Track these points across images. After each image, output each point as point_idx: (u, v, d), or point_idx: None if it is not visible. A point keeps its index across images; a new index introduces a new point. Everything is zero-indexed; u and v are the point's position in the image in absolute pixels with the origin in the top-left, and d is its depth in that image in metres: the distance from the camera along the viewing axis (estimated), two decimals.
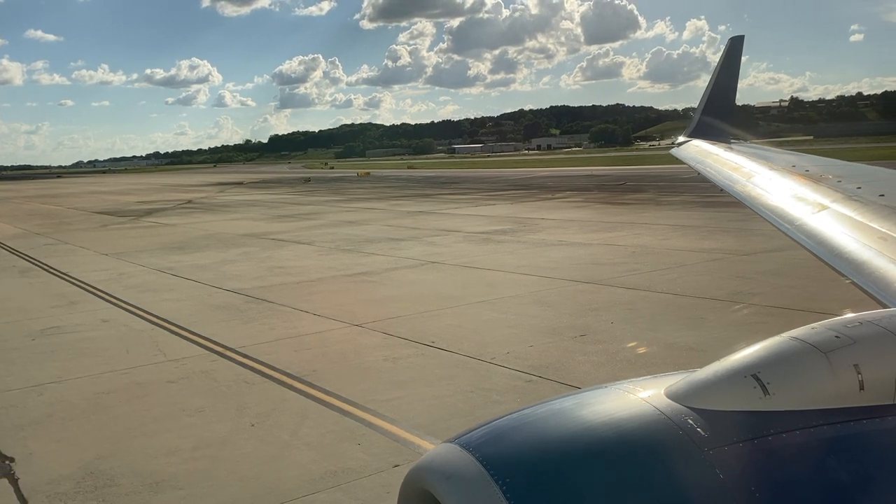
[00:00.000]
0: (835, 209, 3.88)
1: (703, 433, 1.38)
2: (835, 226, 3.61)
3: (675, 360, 8.75)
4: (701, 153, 8.82)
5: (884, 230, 3.24)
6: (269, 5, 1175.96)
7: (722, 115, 9.87)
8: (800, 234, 3.76)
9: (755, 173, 5.73)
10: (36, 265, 20.31)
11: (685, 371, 1.56)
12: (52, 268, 19.53)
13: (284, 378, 8.79)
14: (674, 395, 1.48)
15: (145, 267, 19.04)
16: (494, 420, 1.53)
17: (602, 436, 1.39)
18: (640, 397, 1.49)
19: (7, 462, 6.62)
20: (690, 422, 1.40)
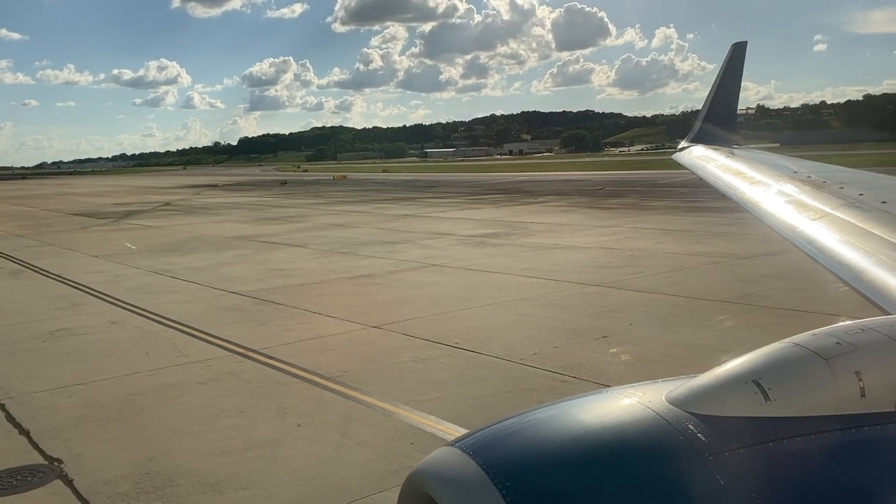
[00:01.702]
0: (836, 216, 3.88)
1: (704, 439, 1.38)
2: (836, 232, 3.60)
3: (702, 360, 8.90)
4: (702, 158, 8.83)
5: (886, 237, 3.25)
6: (241, 7, 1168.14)
7: (724, 121, 9.91)
8: (801, 240, 3.76)
9: (757, 179, 5.74)
10: (26, 267, 19.95)
11: (686, 376, 1.58)
12: (43, 270, 19.19)
13: (317, 379, 8.77)
14: (675, 401, 1.48)
15: (140, 269, 18.81)
16: (495, 423, 1.54)
17: (603, 440, 1.40)
18: (641, 402, 1.49)
19: (56, 464, 6.54)
20: (691, 427, 1.40)
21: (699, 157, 8.57)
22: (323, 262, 18.93)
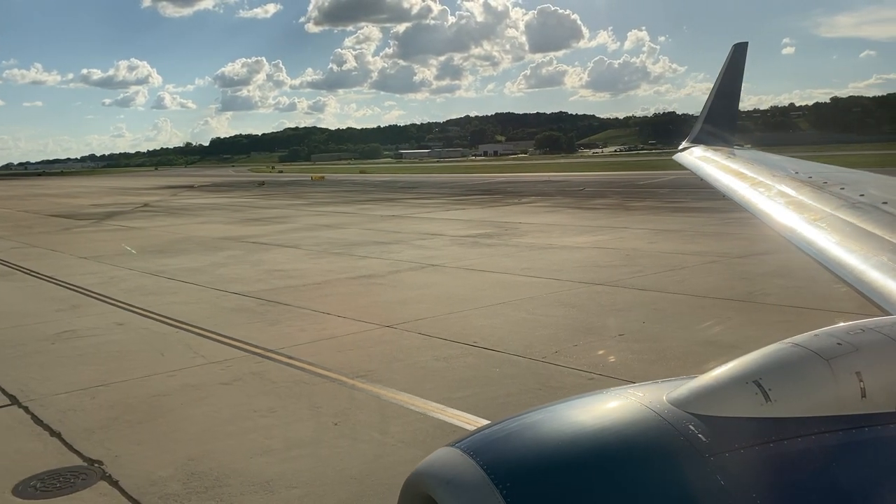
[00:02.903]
0: (838, 216, 3.89)
1: (704, 439, 1.38)
2: (837, 233, 3.61)
3: (723, 356, 9.00)
4: (703, 159, 8.88)
5: (887, 238, 3.26)
6: (213, 7, 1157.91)
7: (725, 121, 9.96)
8: (802, 241, 3.77)
9: (758, 180, 5.79)
10: (15, 269, 19.61)
11: (686, 377, 1.59)
12: (34, 271, 18.89)
13: (342, 378, 8.76)
14: (675, 401, 1.49)
15: (134, 270, 18.59)
16: (495, 424, 1.55)
17: (603, 441, 1.40)
18: (641, 403, 1.50)
19: (96, 465, 6.46)
20: (692, 427, 1.41)
21: (700, 158, 8.63)
22: (319, 263, 18.86)
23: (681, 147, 10.23)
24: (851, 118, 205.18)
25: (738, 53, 9.97)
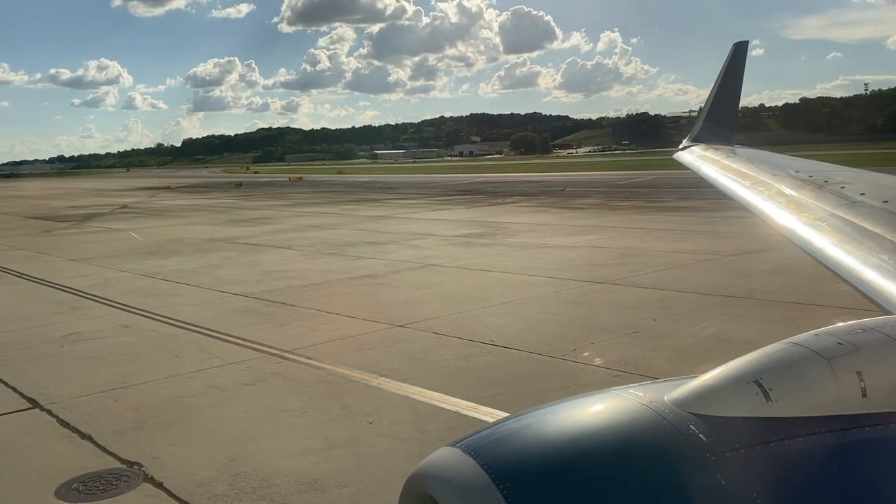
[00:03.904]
0: (838, 215, 3.88)
1: (705, 439, 1.38)
2: (838, 232, 3.60)
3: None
4: (703, 158, 8.92)
5: (888, 237, 3.25)
6: (185, 6, 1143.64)
7: (725, 120, 10.04)
8: (802, 240, 3.77)
9: (758, 179, 5.79)
10: (4, 272, 19.28)
11: (687, 376, 1.59)
12: (24, 274, 18.60)
13: (367, 377, 8.76)
14: (676, 401, 1.49)
15: (128, 272, 18.38)
16: (496, 424, 1.56)
17: (604, 441, 1.41)
18: (641, 402, 1.50)
19: (136, 467, 6.41)
20: (693, 427, 1.41)
21: (700, 157, 8.70)
22: (316, 264, 18.80)
23: (681, 146, 10.33)
24: (820, 119, 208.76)
25: (739, 52, 10.07)
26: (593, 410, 1.52)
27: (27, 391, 8.75)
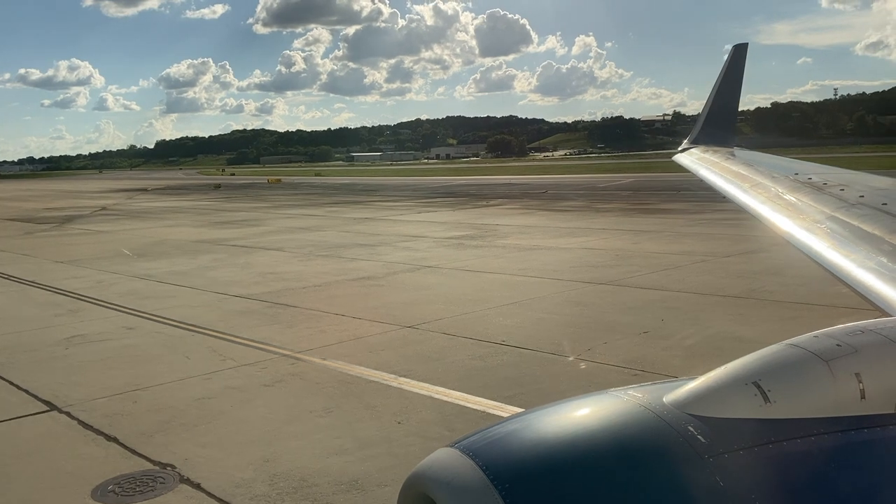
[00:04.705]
0: (837, 217, 3.91)
1: (703, 440, 1.38)
2: (837, 234, 3.63)
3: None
4: (702, 160, 8.98)
5: (887, 238, 3.28)
6: (158, 7, 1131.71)
7: (724, 122, 10.13)
8: (802, 242, 3.78)
9: (757, 181, 5.84)
10: None
11: (686, 378, 1.60)
12: (13, 276, 18.30)
13: (386, 378, 8.76)
14: (674, 402, 1.49)
15: (119, 274, 18.17)
16: (495, 425, 1.55)
17: (602, 442, 1.41)
18: (640, 404, 1.50)
19: (169, 468, 6.37)
20: (691, 429, 1.41)
21: (699, 159, 8.77)
22: (310, 266, 18.72)
23: (680, 148, 10.43)
24: (791, 123, 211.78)
25: (738, 54, 10.16)
26: (592, 411, 1.53)
27: (41, 394, 8.64)
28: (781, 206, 4.63)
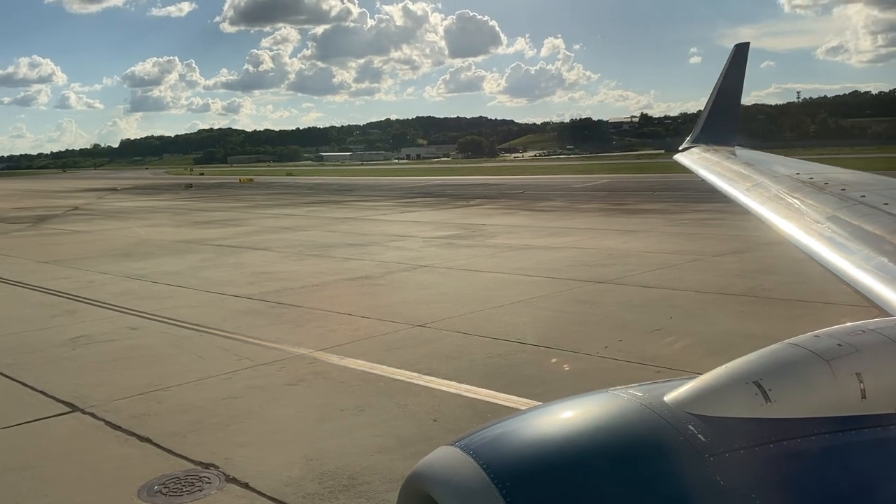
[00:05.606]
0: (838, 217, 3.91)
1: (704, 439, 1.39)
2: (838, 234, 3.63)
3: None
4: (703, 159, 9.06)
5: (888, 238, 3.28)
6: (123, 4, 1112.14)
7: (726, 122, 10.17)
8: (803, 242, 3.77)
9: (758, 179, 5.84)
10: None
11: (687, 377, 1.61)
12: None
13: (411, 376, 8.75)
14: (675, 401, 1.49)
15: (109, 274, 17.87)
16: (495, 423, 1.56)
17: (603, 441, 1.41)
18: (641, 402, 1.50)
19: (211, 468, 6.30)
20: (692, 428, 1.41)
21: (700, 158, 8.87)
22: (303, 265, 18.61)
23: (681, 147, 10.54)
24: (757, 125, 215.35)
25: (740, 54, 10.25)
26: (593, 410, 1.53)
27: (60, 395, 8.47)
28: (782, 206, 4.66)
